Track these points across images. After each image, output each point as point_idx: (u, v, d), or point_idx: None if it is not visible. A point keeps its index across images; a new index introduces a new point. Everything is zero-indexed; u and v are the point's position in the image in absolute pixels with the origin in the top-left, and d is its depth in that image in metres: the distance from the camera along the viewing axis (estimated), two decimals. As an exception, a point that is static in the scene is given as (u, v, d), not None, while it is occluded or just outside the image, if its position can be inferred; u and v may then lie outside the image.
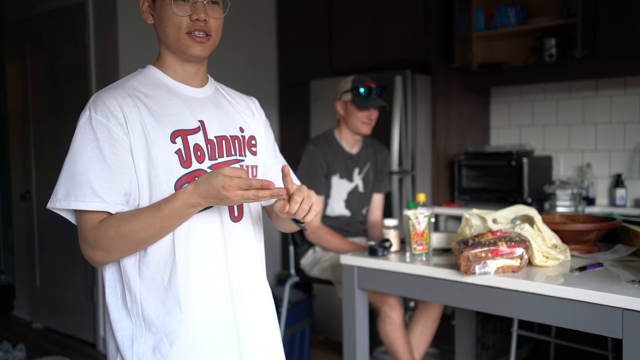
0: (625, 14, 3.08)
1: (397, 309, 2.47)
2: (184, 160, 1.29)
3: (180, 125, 1.31)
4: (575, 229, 2.04)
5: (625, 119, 3.47)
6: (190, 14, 1.32)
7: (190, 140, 1.31)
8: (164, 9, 1.32)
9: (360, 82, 2.73)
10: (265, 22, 4.41)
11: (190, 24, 1.33)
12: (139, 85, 1.33)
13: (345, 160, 2.79)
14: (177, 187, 1.27)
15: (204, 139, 1.33)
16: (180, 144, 1.29)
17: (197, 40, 1.34)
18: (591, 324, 1.63)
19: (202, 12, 1.33)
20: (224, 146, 1.37)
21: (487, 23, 3.60)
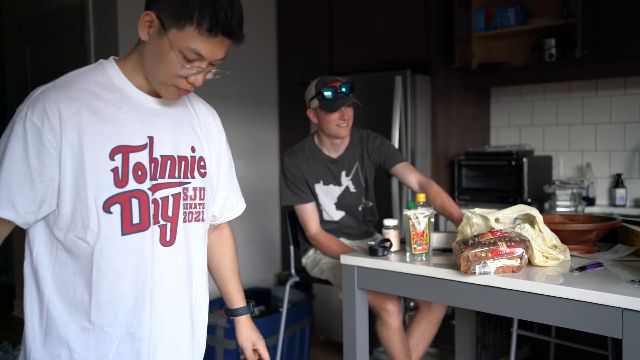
0: (625, 14, 3.08)
1: (395, 315, 2.46)
2: (119, 180, 1.22)
3: (125, 141, 1.23)
4: (575, 229, 2.04)
5: (625, 119, 3.47)
6: (188, 75, 1.24)
7: (132, 158, 1.24)
8: (166, 50, 1.22)
9: (323, 84, 2.61)
10: (265, 22, 4.41)
11: (184, 82, 1.25)
12: (93, 86, 1.25)
13: (327, 166, 2.72)
14: (106, 207, 1.20)
15: (149, 157, 1.27)
16: (119, 161, 1.22)
17: (180, 94, 1.29)
18: (591, 324, 1.63)
19: (201, 80, 1.27)
20: (167, 167, 1.30)
21: (487, 23, 3.60)
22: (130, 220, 1.24)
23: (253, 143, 4.30)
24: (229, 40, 1.25)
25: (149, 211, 1.26)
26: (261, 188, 4.36)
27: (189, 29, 1.19)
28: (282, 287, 3.26)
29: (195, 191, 1.36)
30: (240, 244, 4.29)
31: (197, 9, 1.18)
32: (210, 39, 1.21)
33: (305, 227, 2.71)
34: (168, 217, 1.30)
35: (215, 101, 4.51)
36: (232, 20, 1.21)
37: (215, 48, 1.23)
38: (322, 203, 2.73)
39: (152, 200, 1.27)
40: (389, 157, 2.74)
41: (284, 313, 3.06)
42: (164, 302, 1.31)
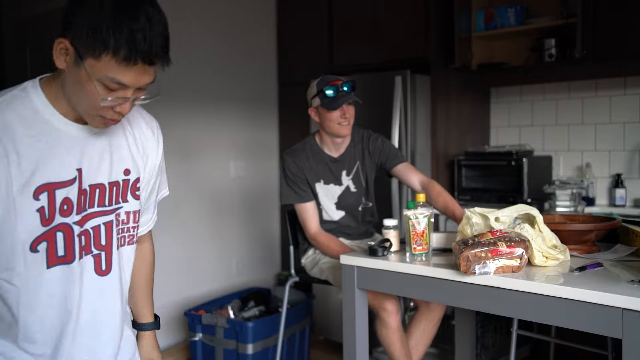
0: (625, 14, 3.08)
1: (394, 314, 2.46)
2: (46, 219, 1.17)
3: (51, 178, 1.17)
4: (574, 229, 2.04)
5: (624, 119, 3.47)
6: (113, 105, 1.14)
7: (58, 194, 1.19)
8: (85, 80, 1.11)
9: (325, 82, 2.62)
10: (265, 22, 4.41)
11: (110, 112, 1.16)
12: (17, 122, 1.15)
13: (328, 165, 2.72)
14: (33, 247, 1.17)
15: (78, 190, 1.22)
16: (45, 200, 1.17)
17: (107, 123, 1.19)
18: (591, 324, 1.63)
19: (128, 108, 1.16)
20: (96, 196, 1.26)
21: (487, 23, 3.60)
22: (55, 253, 1.21)
23: (253, 143, 4.31)
24: (156, 65, 1.14)
25: (74, 243, 1.23)
26: (261, 188, 4.36)
27: (105, 58, 1.08)
28: (282, 287, 3.27)
29: (128, 215, 1.33)
30: (241, 244, 4.31)
31: (112, 35, 1.06)
32: (132, 68, 1.09)
33: (305, 226, 2.71)
34: (101, 246, 1.28)
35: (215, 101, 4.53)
36: (153, 43, 1.10)
37: (139, 75, 1.12)
38: (322, 202, 2.73)
39: (82, 232, 1.25)
40: (390, 157, 2.74)
41: (284, 313, 3.06)
42: (96, 329, 1.31)
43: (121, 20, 1.07)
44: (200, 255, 3.95)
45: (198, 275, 3.92)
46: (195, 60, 3.88)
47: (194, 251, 3.90)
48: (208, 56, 3.97)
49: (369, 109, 3.22)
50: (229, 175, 4.15)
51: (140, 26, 1.08)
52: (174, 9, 3.74)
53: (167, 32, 1.14)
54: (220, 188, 4.08)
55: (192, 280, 3.86)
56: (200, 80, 3.92)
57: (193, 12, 3.87)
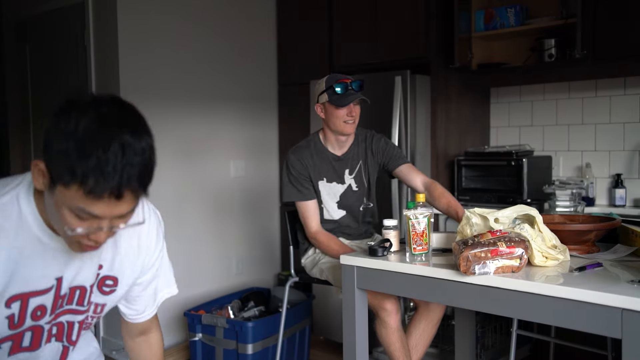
0: (625, 14, 3.08)
1: (393, 314, 2.46)
2: (14, 324, 1.17)
3: (27, 288, 1.16)
4: (574, 229, 2.05)
5: (624, 119, 3.48)
6: (87, 232, 1.06)
7: (32, 302, 1.17)
8: (60, 209, 1.05)
9: (334, 79, 2.63)
10: (265, 22, 4.41)
11: (85, 238, 1.09)
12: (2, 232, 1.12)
13: (332, 163, 2.72)
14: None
15: (54, 296, 1.20)
16: (17, 308, 1.16)
17: (85, 250, 1.13)
18: (591, 324, 1.63)
19: (104, 237, 1.08)
20: (76, 296, 1.25)
21: (487, 23, 3.60)
22: (20, 344, 1.22)
23: (253, 143, 4.31)
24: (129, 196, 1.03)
25: (42, 336, 1.24)
26: (261, 188, 4.36)
27: (73, 187, 1.00)
28: (282, 287, 3.27)
29: (90, 305, 1.31)
30: (241, 244, 4.31)
31: (79, 165, 0.98)
32: (101, 201, 1.01)
33: (306, 224, 2.71)
34: (72, 341, 1.32)
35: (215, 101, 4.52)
36: (124, 175, 1.00)
37: (111, 207, 1.03)
38: (323, 201, 2.73)
39: (56, 323, 1.26)
40: (394, 158, 2.75)
41: (284, 313, 3.06)
42: None
43: (91, 149, 0.98)
44: (200, 255, 3.95)
45: (198, 275, 3.92)
46: (195, 60, 3.88)
47: (194, 251, 3.90)
48: (208, 56, 3.97)
49: (369, 109, 3.21)
50: (229, 175, 4.15)
51: (111, 156, 0.99)
52: (174, 9, 3.74)
53: (146, 161, 1.04)
54: (220, 188, 4.08)
55: (192, 280, 3.86)
56: (200, 80, 3.92)
57: (193, 12, 3.87)
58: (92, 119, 1.00)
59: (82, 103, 1.04)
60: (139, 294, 1.43)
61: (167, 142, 3.68)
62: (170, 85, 3.73)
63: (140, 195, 1.06)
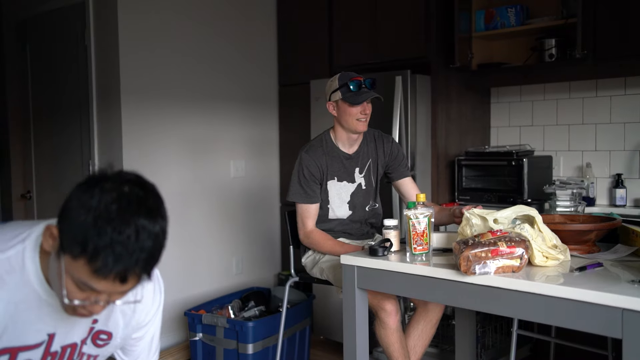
0: (625, 14, 3.08)
1: (393, 315, 2.46)
2: None
3: (17, 342, 1.17)
4: (575, 229, 2.05)
5: (625, 119, 3.47)
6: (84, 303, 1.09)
7: (20, 356, 1.19)
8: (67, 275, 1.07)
9: (348, 77, 2.63)
10: (266, 22, 4.41)
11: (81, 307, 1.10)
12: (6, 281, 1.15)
13: (342, 162, 2.72)
14: None
15: (43, 352, 1.22)
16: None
17: (80, 316, 1.14)
18: (591, 324, 1.63)
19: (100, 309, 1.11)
20: (66, 354, 1.26)
21: (487, 23, 3.60)
22: None
23: (253, 143, 4.31)
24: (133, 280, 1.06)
25: None
26: (261, 188, 4.36)
27: (80, 260, 1.03)
28: (282, 287, 3.26)
29: (82, 356, 1.32)
30: (241, 244, 4.31)
31: (93, 240, 1.01)
32: (105, 280, 1.04)
33: (303, 223, 2.71)
34: None
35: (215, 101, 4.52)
36: (132, 260, 1.02)
37: (114, 286, 1.05)
38: (330, 201, 2.73)
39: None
40: (401, 166, 2.80)
41: (284, 313, 3.06)
42: None
43: (106, 228, 1.01)
44: (200, 255, 3.95)
45: (198, 275, 3.92)
46: (195, 60, 3.88)
47: (194, 251, 3.90)
48: (208, 56, 3.97)
49: (369, 109, 3.21)
50: (229, 175, 4.15)
51: (124, 238, 1.01)
52: (174, 9, 3.74)
53: (157, 246, 1.07)
54: (220, 188, 4.08)
55: (192, 280, 3.86)
56: (200, 80, 3.92)
57: (193, 12, 3.87)
58: (113, 198, 1.03)
59: (107, 179, 1.07)
60: (133, 346, 1.43)
61: (167, 142, 3.68)
62: (171, 85, 3.73)
63: (143, 280, 1.08)
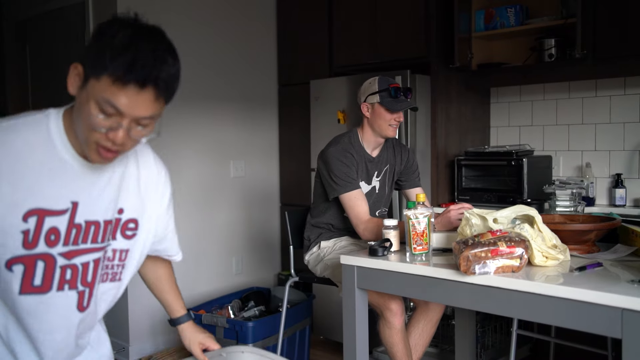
0: (625, 14, 3.08)
1: (398, 315, 2.47)
2: (28, 242, 1.20)
3: (43, 205, 1.20)
4: (574, 229, 2.05)
5: (624, 119, 3.48)
6: (107, 130, 1.14)
7: (47, 222, 1.21)
8: (86, 102, 1.13)
9: (387, 82, 2.64)
10: (265, 22, 4.41)
11: (104, 138, 1.15)
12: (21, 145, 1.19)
13: (366, 164, 2.71)
14: (8, 265, 1.20)
15: (68, 222, 1.24)
16: (33, 224, 1.19)
17: (102, 155, 1.18)
18: (591, 324, 1.63)
19: (120, 138, 1.15)
20: (91, 232, 1.27)
21: (487, 23, 3.60)
22: (31, 281, 1.22)
23: (253, 143, 4.31)
24: (151, 95, 1.12)
25: (54, 275, 1.24)
26: (261, 188, 4.36)
27: (104, 78, 1.10)
28: (282, 287, 3.27)
29: (114, 252, 1.35)
30: (241, 244, 4.31)
31: (115, 57, 1.09)
32: (125, 90, 1.10)
33: (363, 210, 2.56)
34: (87, 283, 1.30)
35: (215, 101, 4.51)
36: (152, 70, 1.10)
37: (133, 102, 1.11)
38: None
39: (70, 265, 1.26)
40: (413, 176, 2.83)
41: (284, 313, 3.06)
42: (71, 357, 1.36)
43: (128, 48, 1.10)
44: (200, 255, 3.95)
45: (198, 275, 3.92)
46: (195, 60, 3.88)
47: (194, 251, 3.90)
48: (208, 56, 3.97)
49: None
50: (229, 175, 4.15)
51: (143, 56, 1.10)
52: (174, 9, 3.74)
53: (173, 71, 1.15)
54: (220, 188, 4.08)
55: (192, 280, 3.86)
56: (200, 80, 3.93)
57: (193, 12, 3.87)
58: (134, 30, 1.13)
59: (126, 19, 1.16)
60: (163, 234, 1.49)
61: (167, 142, 3.68)
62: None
63: (161, 100, 1.15)
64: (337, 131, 3.78)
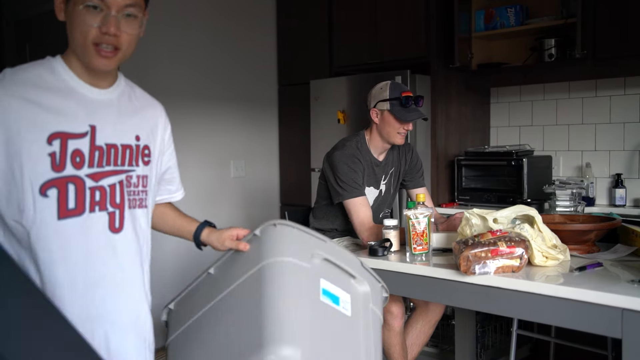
0: (625, 14, 3.08)
1: (399, 318, 2.46)
2: (56, 165, 1.25)
3: (64, 128, 1.27)
4: (575, 229, 2.05)
5: (624, 119, 3.48)
6: (99, 25, 1.26)
7: (70, 144, 1.27)
8: (74, 13, 1.26)
9: (399, 90, 2.55)
10: (265, 22, 4.41)
11: (99, 35, 1.26)
12: (35, 78, 1.28)
13: (373, 168, 2.67)
14: (43, 190, 1.24)
15: (90, 144, 1.30)
16: (57, 147, 1.25)
17: (102, 55, 1.28)
18: (591, 324, 1.63)
19: (113, 26, 1.26)
20: (112, 155, 1.34)
21: (487, 23, 3.61)
22: (66, 204, 1.27)
23: (253, 143, 4.31)
24: None
25: (85, 196, 1.29)
26: (261, 188, 4.36)
27: None
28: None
29: (138, 178, 1.40)
30: (240, 244, 4.28)
31: None
32: None
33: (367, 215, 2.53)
34: (116, 204, 1.35)
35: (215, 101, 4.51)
36: None
37: None
38: None
39: (97, 187, 1.31)
40: (418, 176, 2.80)
41: (284, 313, 3.05)
42: (118, 287, 1.35)
43: None
44: (200, 254, 3.94)
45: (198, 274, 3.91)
46: (195, 60, 3.88)
47: (194, 251, 3.89)
48: (208, 56, 3.97)
49: (369, 109, 3.21)
50: (229, 175, 4.15)
51: None
52: (174, 9, 3.74)
53: None
54: (221, 188, 4.08)
55: (192, 280, 3.85)
56: (200, 80, 3.92)
57: (193, 12, 3.87)
58: None
59: None
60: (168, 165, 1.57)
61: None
62: (170, 85, 3.73)
63: None
64: (337, 131, 3.79)
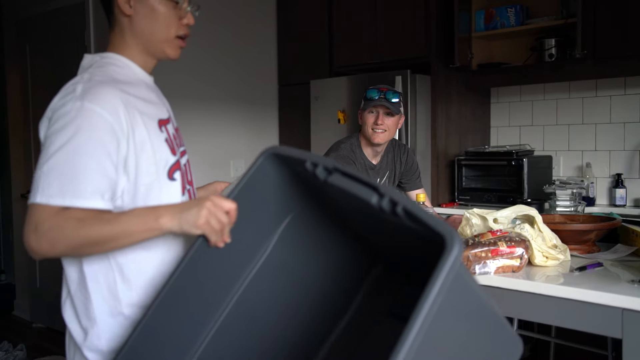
0: (625, 14, 3.08)
1: None
2: (173, 148, 1.32)
3: (160, 115, 1.33)
4: (575, 229, 2.05)
5: (624, 119, 3.48)
6: (180, 19, 1.35)
7: (169, 129, 1.34)
8: (150, 7, 1.31)
9: (372, 87, 2.59)
10: (265, 22, 4.41)
11: (181, 27, 1.35)
12: (121, 77, 1.30)
13: (367, 172, 2.67)
14: (170, 175, 1.30)
15: (173, 128, 1.36)
16: (165, 132, 1.32)
17: (181, 46, 1.37)
18: (591, 324, 1.63)
19: (192, 18, 1.38)
20: (178, 137, 1.40)
21: (487, 23, 3.61)
22: (185, 182, 1.36)
23: (253, 143, 4.30)
24: None
25: (184, 176, 1.36)
26: (261, 188, 4.36)
27: None
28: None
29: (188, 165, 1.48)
30: (240, 244, 4.29)
31: None
32: None
33: None
34: (190, 182, 1.42)
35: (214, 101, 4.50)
36: None
37: None
38: None
39: (184, 165, 1.37)
40: (414, 178, 2.80)
41: (284, 313, 3.05)
42: None
43: None
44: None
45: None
46: (195, 60, 3.88)
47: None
48: (208, 56, 3.97)
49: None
50: (229, 175, 4.15)
51: None
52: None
53: None
54: (221, 188, 4.08)
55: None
56: (200, 80, 3.93)
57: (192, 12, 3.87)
58: None
59: None
60: None
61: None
62: (170, 85, 3.72)
63: None
64: (338, 131, 3.79)
